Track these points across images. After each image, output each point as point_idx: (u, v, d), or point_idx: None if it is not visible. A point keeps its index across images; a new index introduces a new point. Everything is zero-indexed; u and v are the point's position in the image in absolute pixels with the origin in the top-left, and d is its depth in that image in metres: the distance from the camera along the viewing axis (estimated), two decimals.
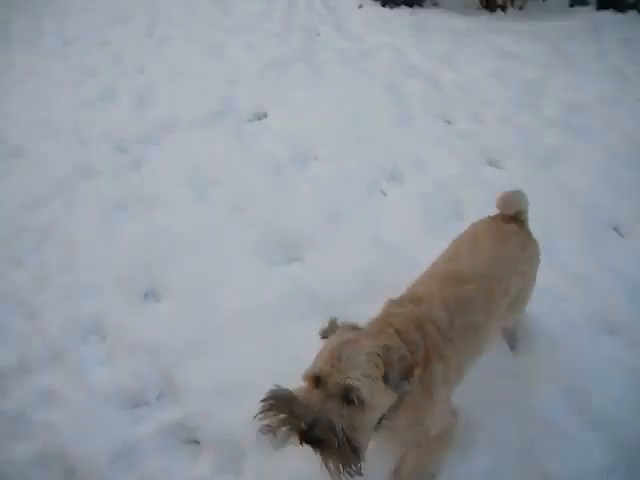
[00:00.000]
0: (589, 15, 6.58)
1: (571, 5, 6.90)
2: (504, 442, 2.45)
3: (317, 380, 1.87)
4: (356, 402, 1.82)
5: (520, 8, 6.90)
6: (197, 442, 2.59)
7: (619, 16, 6.46)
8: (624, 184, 3.88)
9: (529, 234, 2.60)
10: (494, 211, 2.59)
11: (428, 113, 4.69)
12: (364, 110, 4.75)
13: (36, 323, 3.17)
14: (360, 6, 6.99)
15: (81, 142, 4.63)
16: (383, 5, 7.00)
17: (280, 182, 4.03)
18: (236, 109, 4.93)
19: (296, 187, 3.97)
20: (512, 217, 2.55)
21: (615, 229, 3.58)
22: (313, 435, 1.78)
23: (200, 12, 6.88)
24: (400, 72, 5.33)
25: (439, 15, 6.75)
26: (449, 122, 4.62)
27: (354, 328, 2.06)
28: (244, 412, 2.56)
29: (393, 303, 2.22)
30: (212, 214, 3.76)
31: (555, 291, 3.11)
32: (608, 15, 6.50)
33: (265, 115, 4.86)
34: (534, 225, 3.44)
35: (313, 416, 1.79)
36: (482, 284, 2.27)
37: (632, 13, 6.47)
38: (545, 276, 3.13)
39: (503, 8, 6.88)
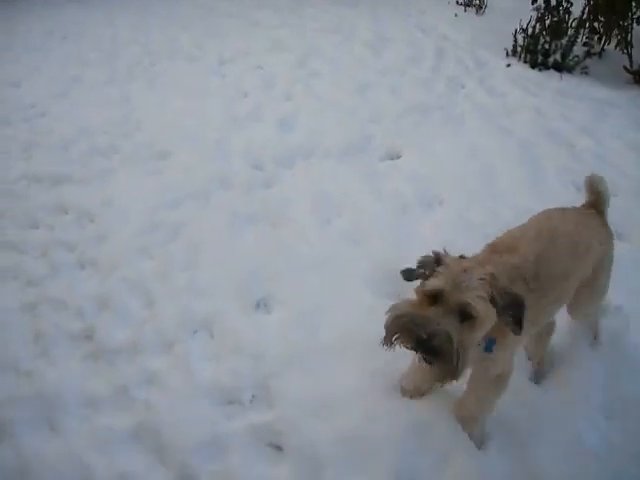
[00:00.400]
0: None
1: None
2: None
3: (436, 297, 2.11)
4: (473, 317, 2.07)
5: None
6: (280, 448, 2.70)
7: None
8: None
9: (605, 221, 2.82)
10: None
11: (559, 178, 4.66)
12: (495, 165, 4.79)
13: (153, 310, 3.41)
14: (509, 65, 7.05)
15: (222, 154, 4.92)
16: (532, 67, 7.02)
17: (402, 221, 4.13)
18: (371, 147, 5.09)
19: (417, 228, 4.05)
20: (593, 206, 2.81)
21: None
22: (432, 344, 2.00)
23: (352, 51, 7.16)
24: (538, 134, 5.33)
25: (587, 83, 6.68)
26: (579, 189, 4.57)
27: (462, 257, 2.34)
28: (330, 429, 2.67)
29: (492, 250, 2.48)
30: (332, 241, 3.90)
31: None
32: None
33: (398, 156, 4.99)
34: None
35: (434, 327, 2.01)
36: (570, 240, 2.52)
37: None
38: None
39: None
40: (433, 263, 2.27)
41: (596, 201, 2.81)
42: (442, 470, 2.55)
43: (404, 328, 2.08)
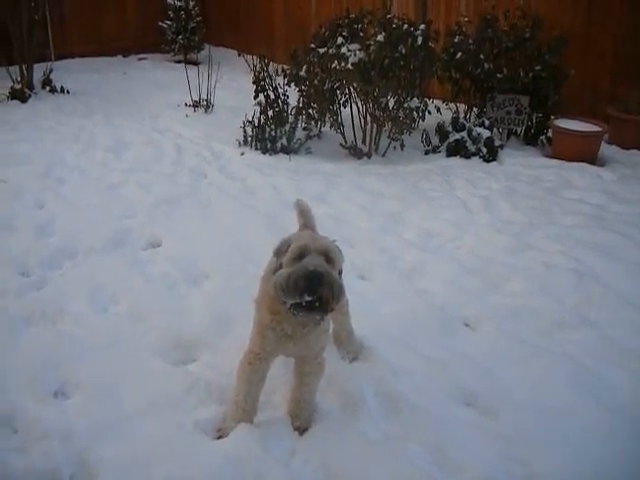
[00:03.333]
0: (440, 161, 7.72)
1: (425, 153, 8.03)
2: None
3: (302, 255, 2.63)
4: (333, 261, 2.67)
5: (383, 156, 7.94)
6: None
7: (464, 161, 7.63)
8: (470, 294, 4.61)
9: None
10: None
11: None
12: (247, 237, 5.33)
13: None
14: (242, 153, 7.82)
15: None
16: (263, 153, 7.84)
17: (175, 296, 4.50)
18: (132, 238, 5.38)
19: (190, 300, 4.44)
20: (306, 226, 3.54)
21: (466, 324, 4.27)
22: (319, 272, 2.54)
23: (94, 157, 7.44)
24: (279, 207, 6.00)
25: (313, 161, 7.69)
26: None
27: None
28: None
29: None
30: (114, 323, 4.15)
31: (418, 373, 3.68)
32: (456, 161, 7.67)
33: (159, 244, 5.35)
34: (399, 324, 4.12)
35: (315, 263, 2.57)
36: None
37: (475, 159, 7.64)
38: (409, 362, 3.75)
39: (368, 155, 7.90)
40: (287, 243, 2.79)
41: (308, 222, 3.47)
42: None
43: (297, 277, 2.55)
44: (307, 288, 2.54)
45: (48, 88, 10.54)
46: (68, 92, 10.62)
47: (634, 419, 3.38)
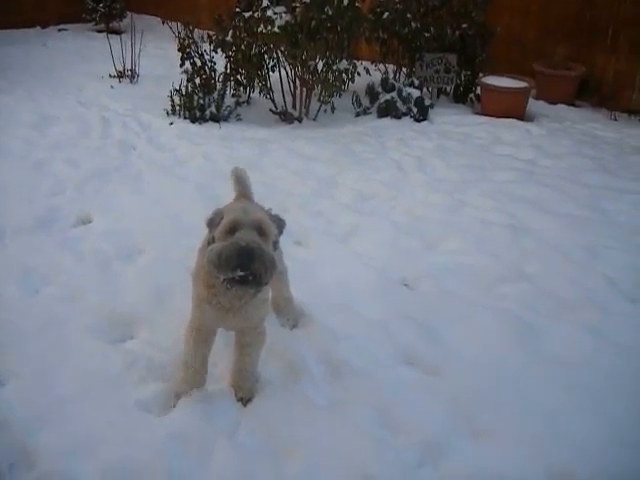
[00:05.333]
0: (372, 122, 7.74)
1: (357, 115, 8.03)
2: (323, 448, 2.91)
3: (234, 229, 2.59)
4: (266, 234, 2.64)
5: (314, 119, 7.88)
6: None
7: (396, 122, 7.66)
8: (408, 255, 4.64)
9: None
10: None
11: None
12: (180, 208, 5.23)
13: None
14: (171, 123, 7.63)
15: None
16: (192, 122, 7.67)
17: (109, 274, 4.36)
18: (61, 217, 5.19)
19: (125, 277, 4.31)
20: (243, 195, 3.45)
21: (405, 284, 4.29)
22: (251, 247, 2.50)
23: (16, 134, 7.12)
24: (211, 176, 5.93)
25: (244, 128, 7.57)
26: None
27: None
28: (96, 466, 2.84)
29: None
30: (47, 305, 3.99)
31: (360, 337, 3.69)
32: (387, 121, 7.71)
33: (90, 221, 5.18)
34: (338, 288, 4.11)
35: (247, 238, 2.52)
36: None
37: (406, 119, 7.67)
38: (350, 326, 3.75)
39: (299, 120, 7.82)
40: (220, 214, 2.74)
41: (245, 190, 3.41)
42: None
43: (228, 253, 2.52)
44: (239, 264, 2.52)
45: None
46: None
47: (571, 369, 3.46)
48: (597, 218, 5.20)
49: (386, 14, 8.35)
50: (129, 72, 9.54)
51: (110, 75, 9.58)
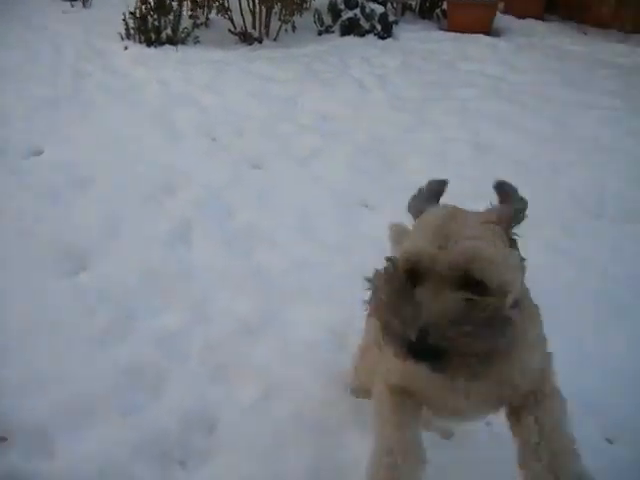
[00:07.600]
0: (334, 41, 7.53)
1: (319, 34, 7.79)
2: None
3: (412, 274, 1.41)
4: (483, 284, 1.37)
5: (274, 39, 7.61)
6: (5, 439, 2.72)
7: (359, 39, 7.44)
8: (369, 171, 4.53)
9: None
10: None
11: (195, 133, 5.11)
12: (135, 135, 5.04)
13: None
14: (126, 48, 7.32)
15: None
16: (148, 45, 7.37)
17: (60, 205, 4.21)
18: (10, 148, 4.97)
19: (76, 207, 4.17)
20: None
21: (365, 206, 4.19)
22: (427, 344, 1.26)
23: None
24: (167, 101, 5.72)
25: (201, 50, 7.29)
26: (214, 139, 5.07)
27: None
28: (45, 403, 2.76)
29: None
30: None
31: (318, 261, 3.60)
32: (350, 39, 7.50)
33: (41, 152, 4.97)
34: (297, 213, 4.00)
35: (424, 319, 1.28)
36: None
37: (369, 36, 7.44)
38: (311, 252, 3.66)
39: (259, 40, 7.55)
40: (425, 200, 1.66)
41: None
42: None
43: (396, 343, 1.35)
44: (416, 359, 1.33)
45: None
46: None
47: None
48: (562, 133, 5.10)
49: None
50: None
51: None
